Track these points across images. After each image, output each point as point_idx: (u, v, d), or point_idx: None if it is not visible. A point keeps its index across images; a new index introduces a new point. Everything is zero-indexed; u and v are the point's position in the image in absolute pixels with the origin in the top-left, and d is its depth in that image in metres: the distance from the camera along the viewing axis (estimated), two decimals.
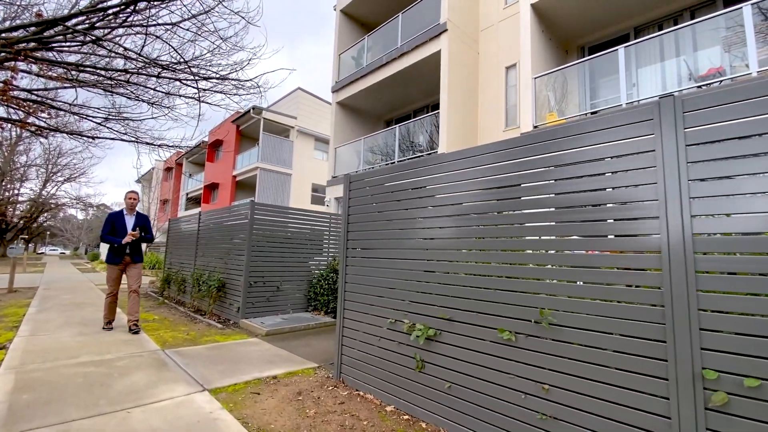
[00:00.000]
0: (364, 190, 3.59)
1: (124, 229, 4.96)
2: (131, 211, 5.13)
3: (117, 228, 4.96)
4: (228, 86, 7.59)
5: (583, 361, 1.93)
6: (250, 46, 5.99)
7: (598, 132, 2.06)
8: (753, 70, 5.00)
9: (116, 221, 4.99)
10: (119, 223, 4.99)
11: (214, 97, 6.89)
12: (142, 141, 8.33)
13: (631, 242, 1.89)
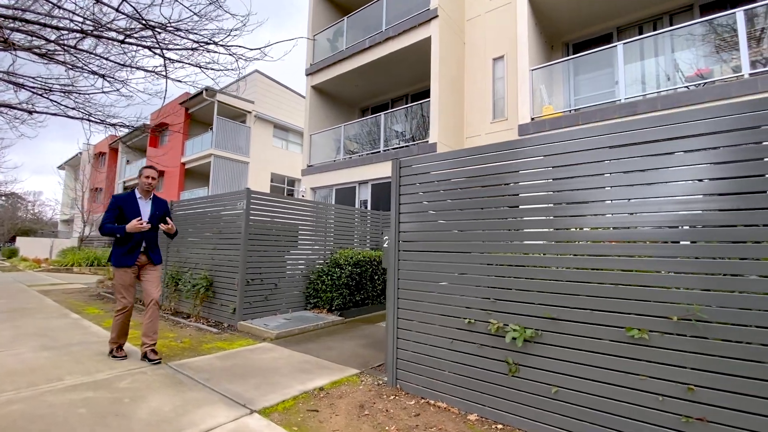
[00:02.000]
0: (423, 176, 3.23)
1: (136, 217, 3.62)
2: (147, 195, 3.81)
3: (128, 215, 3.59)
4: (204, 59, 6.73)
5: (735, 357, 1.81)
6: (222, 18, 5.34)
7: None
8: (745, 72, 5.37)
9: (126, 206, 3.64)
10: (131, 208, 3.63)
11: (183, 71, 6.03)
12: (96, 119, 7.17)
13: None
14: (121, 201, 3.67)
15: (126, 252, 3.61)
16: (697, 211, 2.04)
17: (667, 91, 6.12)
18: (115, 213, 3.64)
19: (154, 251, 3.83)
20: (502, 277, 2.63)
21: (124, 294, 3.62)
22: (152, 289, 3.73)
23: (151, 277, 3.78)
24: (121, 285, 3.61)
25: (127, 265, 3.61)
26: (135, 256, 3.65)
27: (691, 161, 2.07)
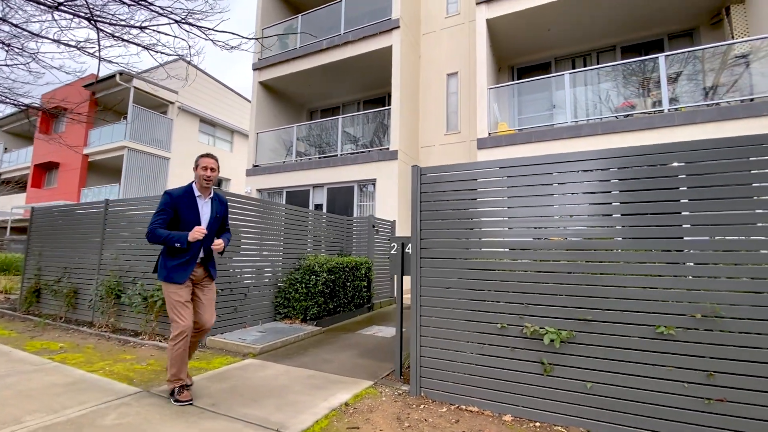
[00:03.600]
0: (446, 184, 3.29)
1: (194, 221, 2.93)
2: (206, 192, 3.06)
3: (184, 219, 2.90)
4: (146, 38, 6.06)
5: (751, 347, 2.20)
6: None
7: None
8: (665, 107, 6.49)
9: (182, 206, 2.90)
10: (189, 209, 2.92)
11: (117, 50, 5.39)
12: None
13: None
14: (176, 200, 2.91)
15: (179, 264, 2.87)
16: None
17: (606, 118, 7.10)
18: (168, 215, 2.90)
19: (212, 263, 3.10)
20: (534, 282, 2.80)
21: (182, 314, 2.84)
22: (206, 314, 3.04)
23: (207, 297, 3.07)
24: (177, 303, 2.85)
25: (180, 281, 2.87)
26: (190, 269, 2.91)
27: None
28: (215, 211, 3.09)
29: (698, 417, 2.28)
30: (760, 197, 2.34)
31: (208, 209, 3.07)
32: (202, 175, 2.99)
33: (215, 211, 3.09)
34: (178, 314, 2.85)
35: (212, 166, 3.02)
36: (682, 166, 2.53)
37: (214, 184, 3.11)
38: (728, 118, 5.93)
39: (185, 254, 2.90)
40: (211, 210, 3.08)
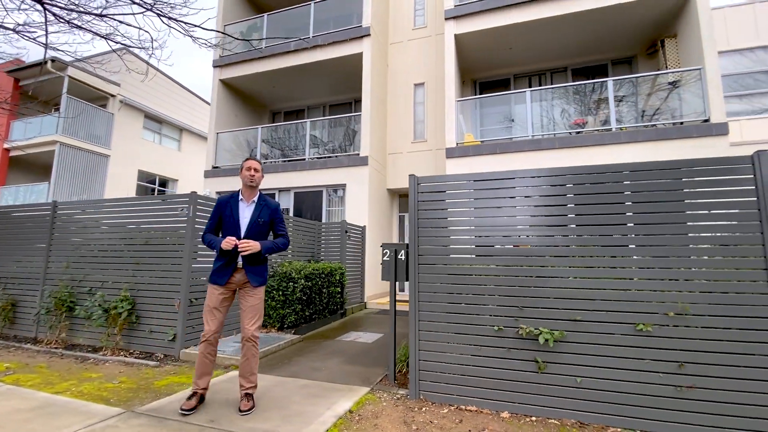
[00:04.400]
0: (441, 194, 3.44)
1: (235, 225, 2.96)
2: (250, 195, 3.07)
3: (225, 223, 2.99)
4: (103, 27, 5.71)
5: (719, 338, 2.56)
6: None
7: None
8: (613, 126, 7.24)
9: (224, 211, 3.00)
10: (230, 214, 2.98)
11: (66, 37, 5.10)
12: None
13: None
14: (222, 205, 3.03)
15: (218, 267, 2.93)
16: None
17: (561, 134, 7.74)
18: (213, 221, 3.05)
19: (254, 269, 2.98)
20: (528, 287, 3.02)
21: (207, 319, 2.90)
22: (243, 321, 2.95)
23: (246, 304, 2.96)
24: (206, 306, 2.92)
25: (217, 283, 2.92)
26: (227, 273, 2.92)
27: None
28: (257, 215, 3.04)
29: (672, 402, 2.60)
30: (692, 212, 2.76)
31: (249, 213, 3.04)
32: (245, 176, 3.04)
33: (257, 215, 3.04)
34: (204, 319, 2.94)
35: (255, 167, 3.06)
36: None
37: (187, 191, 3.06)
38: (664, 138, 6.76)
39: (223, 258, 2.94)
40: (252, 214, 3.04)
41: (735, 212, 2.68)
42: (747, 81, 8.33)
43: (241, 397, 2.90)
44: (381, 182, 9.55)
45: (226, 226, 3.00)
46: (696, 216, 2.88)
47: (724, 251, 2.70)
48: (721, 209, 2.74)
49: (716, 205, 2.76)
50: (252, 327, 2.95)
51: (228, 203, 3.03)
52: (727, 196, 2.72)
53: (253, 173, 3.04)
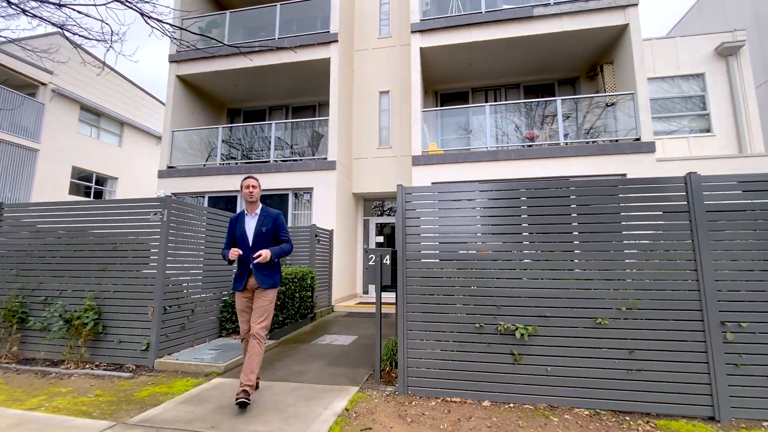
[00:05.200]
0: (424, 203, 3.70)
1: (243, 236, 3.37)
2: (252, 209, 3.45)
3: (236, 236, 3.42)
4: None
5: (660, 328, 3.08)
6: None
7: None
8: (560, 141, 8.02)
9: (234, 226, 3.46)
10: (238, 229, 3.41)
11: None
12: None
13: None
14: (233, 221, 3.51)
15: (236, 275, 3.39)
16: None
17: (514, 146, 8.41)
18: (229, 237, 3.50)
19: (262, 273, 3.30)
20: (505, 288, 3.38)
21: (239, 320, 3.39)
22: (253, 320, 3.27)
23: (257, 305, 3.30)
24: (237, 310, 3.42)
25: (237, 290, 3.37)
26: (243, 280, 3.33)
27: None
28: (260, 225, 3.40)
29: (624, 384, 3.08)
30: (641, 222, 3.32)
31: (254, 224, 3.41)
32: (245, 193, 3.40)
33: (260, 225, 3.40)
34: (239, 321, 3.39)
35: (252, 184, 3.41)
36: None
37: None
38: (604, 153, 7.64)
39: (239, 267, 3.38)
40: (256, 224, 3.41)
41: (672, 222, 3.24)
42: (669, 105, 9.64)
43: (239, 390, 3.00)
44: (347, 186, 9.69)
45: (236, 238, 3.42)
46: (641, 225, 3.42)
47: (663, 255, 3.25)
48: (661, 220, 3.29)
49: (658, 216, 3.31)
50: (257, 325, 3.22)
51: (237, 219, 3.48)
52: (665, 208, 3.27)
53: (251, 190, 3.40)
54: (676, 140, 9.42)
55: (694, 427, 2.81)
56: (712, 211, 3.15)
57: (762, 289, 3.02)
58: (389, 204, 10.85)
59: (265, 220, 3.43)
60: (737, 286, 3.07)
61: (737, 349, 2.98)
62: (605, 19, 8.05)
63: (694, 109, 9.59)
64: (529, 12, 8.29)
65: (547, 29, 8.25)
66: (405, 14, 10.47)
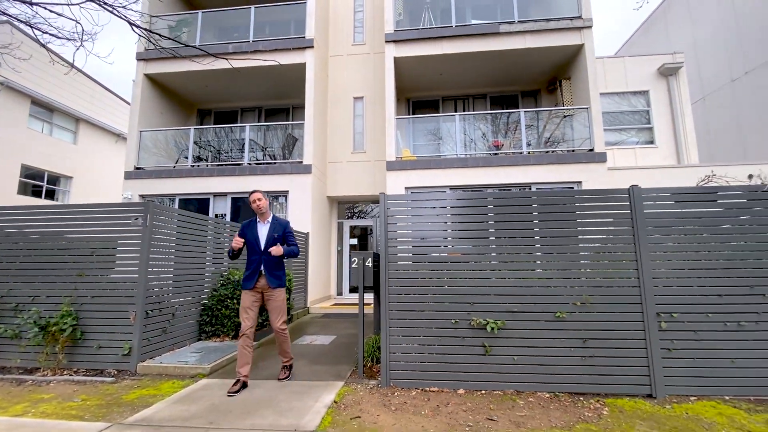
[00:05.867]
0: (405, 210, 4.02)
1: (255, 241, 3.84)
2: (263, 218, 3.95)
3: (248, 239, 3.85)
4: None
5: (609, 320, 3.56)
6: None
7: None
8: (524, 150, 8.63)
9: (248, 232, 3.89)
10: (251, 233, 3.87)
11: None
12: None
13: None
14: (244, 227, 3.95)
15: (247, 276, 3.80)
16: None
17: (481, 154, 8.94)
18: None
19: (272, 274, 3.81)
20: (477, 287, 3.76)
21: (243, 317, 3.72)
22: (273, 318, 3.85)
23: (272, 306, 3.84)
24: (242, 307, 3.77)
25: (247, 288, 3.78)
26: (253, 279, 3.77)
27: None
28: (272, 231, 3.91)
29: (579, 369, 3.53)
30: (594, 228, 3.81)
31: (266, 231, 3.91)
32: (254, 207, 3.93)
33: (272, 231, 3.91)
34: (241, 317, 3.75)
35: (258, 197, 3.93)
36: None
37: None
38: (563, 162, 8.32)
39: (249, 267, 3.82)
40: (268, 231, 3.91)
41: (619, 228, 3.74)
42: (620, 117, 10.58)
43: (281, 369, 3.97)
44: (322, 190, 9.85)
45: (248, 242, 3.86)
46: (593, 230, 3.91)
47: (611, 256, 3.75)
48: (609, 226, 3.79)
49: (606, 222, 3.81)
50: (277, 324, 3.84)
51: (249, 225, 3.95)
52: (613, 216, 3.78)
53: (258, 203, 3.92)
54: (625, 151, 10.36)
55: (636, 403, 3.30)
56: (650, 219, 3.69)
57: (689, 285, 3.58)
58: (363, 207, 11.10)
59: (276, 227, 3.95)
60: (670, 282, 3.61)
61: (670, 336, 3.51)
62: (563, 38, 8.75)
63: (640, 123, 10.59)
64: (495, 28, 8.86)
65: (512, 45, 8.85)
66: (379, 23, 10.79)
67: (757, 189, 3.64)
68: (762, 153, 11.40)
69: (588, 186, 8.04)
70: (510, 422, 2.92)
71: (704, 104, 13.89)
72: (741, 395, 3.38)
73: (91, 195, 17.69)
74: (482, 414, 3.07)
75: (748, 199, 3.67)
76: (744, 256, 3.58)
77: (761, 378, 3.40)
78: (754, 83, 11.82)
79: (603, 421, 2.95)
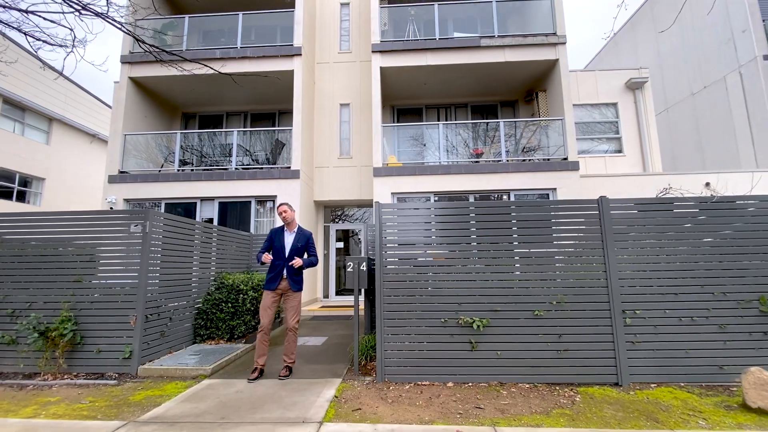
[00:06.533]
0: (398, 218, 4.32)
1: (281, 248, 4.31)
2: (290, 227, 4.45)
3: (276, 246, 4.34)
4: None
5: (581, 317, 3.97)
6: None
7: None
8: (503, 158, 9.11)
9: (275, 238, 4.38)
10: (278, 240, 4.36)
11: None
12: None
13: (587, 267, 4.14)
14: (273, 233, 4.44)
15: (270, 278, 4.26)
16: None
17: (464, 161, 9.37)
18: (268, 244, 4.40)
19: (293, 279, 4.28)
20: (464, 288, 4.10)
21: (262, 314, 4.19)
22: (288, 317, 4.29)
23: (289, 305, 4.29)
24: (262, 306, 4.23)
25: (269, 289, 4.25)
26: (276, 282, 4.25)
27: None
28: (296, 241, 4.39)
29: (555, 361, 3.93)
30: (568, 234, 4.24)
31: (292, 239, 4.41)
32: (281, 218, 4.41)
33: (296, 241, 4.39)
34: (261, 315, 4.21)
35: (283, 210, 4.42)
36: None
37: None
38: (539, 170, 8.84)
39: (272, 271, 4.28)
40: (293, 240, 4.39)
41: (589, 234, 4.17)
42: (592, 127, 11.27)
43: (282, 368, 4.24)
44: (309, 194, 10.04)
45: (275, 249, 4.35)
46: (567, 236, 4.33)
47: (582, 260, 4.17)
48: (581, 233, 4.22)
49: (578, 230, 4.24)
50: (292, 321, 4.29)
51: (277, 233, 4.43)
52: (584, 224, 4.21)
53: (284, 214, 4.40)
54: (596, 158, 11.04)
55: (604, 390, 3.71)
56: (616, 226, 4.13)
57: (650, 285, 4.04)
58: (350, 211, 11.35)
59: (301, 238, 4.44)
60: (634, 282, 4.06)
61: (633, 331, 3.96)
62: (540, 53, 9.30)
63: (610, 133, 11.30)
64: (476, 42, 9.32)
65: (492, 59, 9.34)
66: (365, 31, 11.09)
67: (707, 200, 4.15)
68: (719, 161, 12.37)
69: (562, 192, 8.58)
70: (495, 409, 3.27)
71: (668, 114, 14.88)
72: (694, 382, 3.86)
73: (65, 197, 17.20)
74: (471, 403, 3.40)
75: (699, 209, 4.17)
76: (696, 258, 4.07)
77: (711, 366, 3.88)
78: (711, 97, 12.80)
79: (576, 406, 3.33)
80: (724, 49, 12.22)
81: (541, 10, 9.75)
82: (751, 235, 4.07)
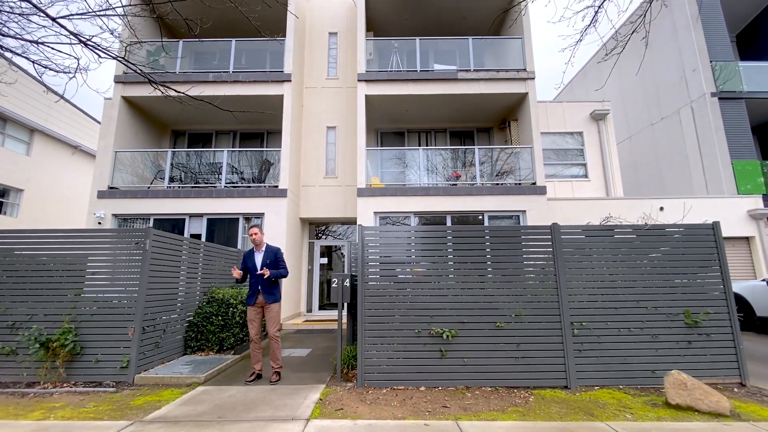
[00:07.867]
0: (378, 239, 4.86)
1: (253, 267, 4.85)
2: (258, 248, 4.99)
3: (249, 266, 4.90)
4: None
5: (536, 328, 4.56)
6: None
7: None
8: (478, 181, 9.84)
9: (247, 259, 4.95)
10: (250, 260, 4.91)
11: None
12: None
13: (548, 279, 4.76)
14: (246, 256, 5.00)
15: (249, 294, 4.86)
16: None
17: (442, 184, 10.06)
18: (243, 265, 4.98)
19: (268, 292, 4.82)
20: (436, 302, 4.64)
21: (249, 327, 4.83)
22: (269, 326, 4.81)
23: (268, 316, 4.81)
24: (248, 319, 4.84)
25: (249, 304, 4.82)
26: (254, 297, 4.82)
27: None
28: (265, 258, 4.94)
29: (514, 367, 4.49)
30: (526, 255, 4.87)
31: (261, 257, 4.97)
32: (252, 239, 4.99)
33: (265, 258, 4.94)
34: (248, 328, 4.85)
35: (254, 232, 4.99)
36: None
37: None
38: (511, 194, 9.59)
39: (250, 288, 4.88)
40: (263, 257, 4.95)
41: (543, 255, 4.81)
42: (561, 154, 12.22)
43: (272, 373, 4.75)
44: (295, 212, 10.49)
45: (249, 269, 4.90)
46: (526, 258, 4.95)
47: (538, 278, 4.80)
48: (538, 254, 4.85)
49: (535, 251, 4.87)
50: (272, 330, 4.79)
51: (249, 254, 4.99)
52: (540, 247, 4.84)
53: (253, 236, 4.97)
54: (564, 183, 11.94)
55: (555, 392, 4.28)
56: (566, 249, 4.79)
57: (595, 300, 4.68)
58: (334, 227, 11.83)
59: (269, 254, 4.99)
60: (582, 298, 4.69)
61: (580, 340, 4.57)
62: (511, 87, 10.19)
63: (576, 159, 12.26)
64: (454, 75, 10.14)
65: (468, 90, 10.16)
66: (351, 59, 11.81)
67: (641, 227, 4.87)
68: (676, 187, 13.49)
69: (531, 215, 9.33)
70: (459, 408, 3.78)
71: (631, 142, 16.11)
72: (631, 385, 4.47)
73: (43, 208, 17.04)
74: (439, 404, 3.91)
75: (636, 235, 4.88)
76: (633, 277, 4.75)
77: (645, 371, 4.51)
78: (668, 128, 14.04)
79: (528, 405, 3.88)
80: (678, 85, 13.51)
81: (513, 47, 10.71)
82: (678, 258, 4.80)
